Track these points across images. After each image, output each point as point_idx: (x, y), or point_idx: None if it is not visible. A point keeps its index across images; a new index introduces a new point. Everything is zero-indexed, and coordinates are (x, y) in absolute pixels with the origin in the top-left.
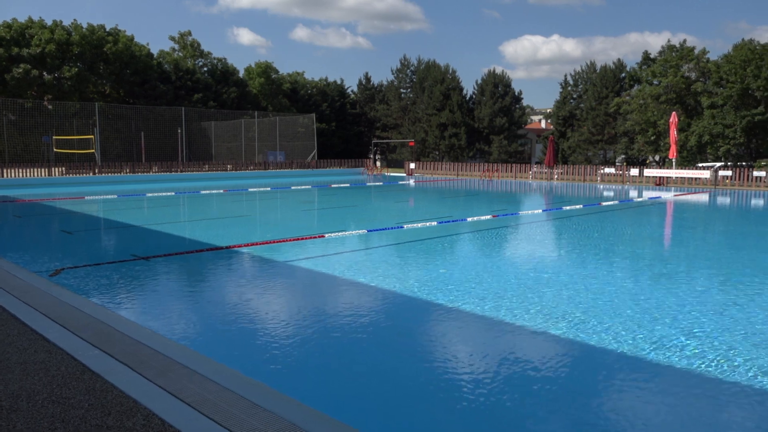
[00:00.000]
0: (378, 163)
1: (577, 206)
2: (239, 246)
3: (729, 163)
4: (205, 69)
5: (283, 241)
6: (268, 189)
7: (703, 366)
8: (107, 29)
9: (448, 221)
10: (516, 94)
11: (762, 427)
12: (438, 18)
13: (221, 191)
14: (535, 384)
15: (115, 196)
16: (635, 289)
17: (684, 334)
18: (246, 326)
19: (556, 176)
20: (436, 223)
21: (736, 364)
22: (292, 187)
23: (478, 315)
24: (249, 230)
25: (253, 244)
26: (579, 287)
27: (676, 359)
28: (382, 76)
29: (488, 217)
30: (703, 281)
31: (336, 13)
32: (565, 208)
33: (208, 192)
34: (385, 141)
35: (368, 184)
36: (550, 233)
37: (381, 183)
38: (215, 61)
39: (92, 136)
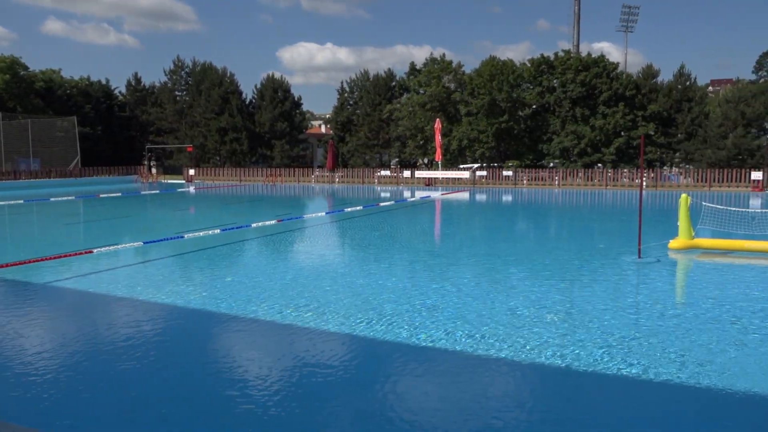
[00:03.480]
0: (153, 170)
1: (358, 207)
2: None
3: (484, 164)
4: None
5: (42, 260)
6: (21, 201)
7: (471, 345)
8: None
9: (232, 228)
10: (296, 99)
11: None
12: (212, 20)
13: None
14: (318, 378)
15: None
16: (408, 282)
17: (453, 317)
18: None
19: (337, 179)
20: (219, 230)
21: (478, 336)
22: (52, 199)
23: (266, 321)
24: None
25: (2, 266)
26: (360, 284)
27: (449, 342)
28: (154, 77)
29: (273, 222)
30: (465, 267)
31: (95, 7)
32: (346, 209)
33: None
34: (160, 146)
35: (143, 192)
36: (333, 234)
37: (157, 191)
38: None
39: None
